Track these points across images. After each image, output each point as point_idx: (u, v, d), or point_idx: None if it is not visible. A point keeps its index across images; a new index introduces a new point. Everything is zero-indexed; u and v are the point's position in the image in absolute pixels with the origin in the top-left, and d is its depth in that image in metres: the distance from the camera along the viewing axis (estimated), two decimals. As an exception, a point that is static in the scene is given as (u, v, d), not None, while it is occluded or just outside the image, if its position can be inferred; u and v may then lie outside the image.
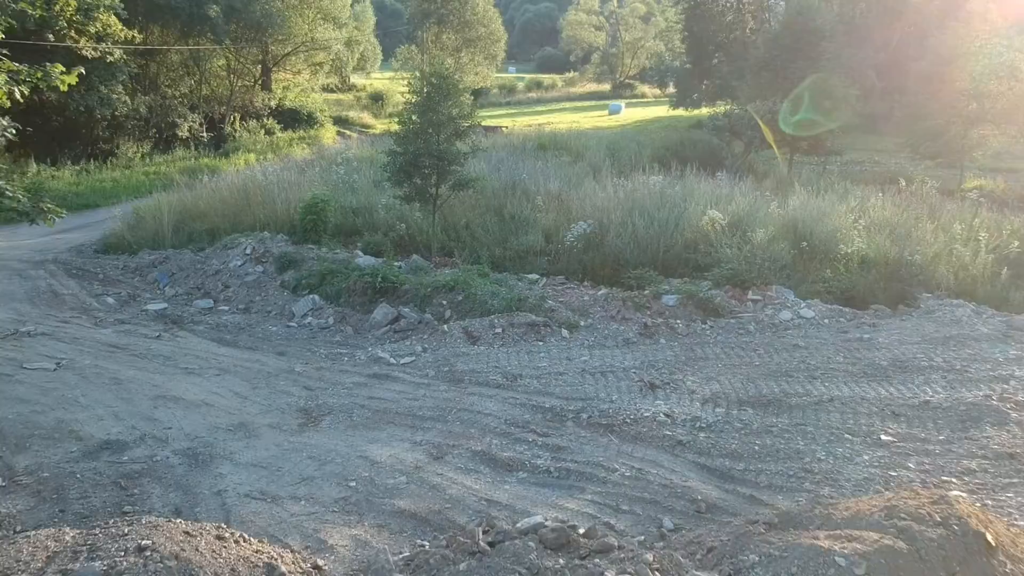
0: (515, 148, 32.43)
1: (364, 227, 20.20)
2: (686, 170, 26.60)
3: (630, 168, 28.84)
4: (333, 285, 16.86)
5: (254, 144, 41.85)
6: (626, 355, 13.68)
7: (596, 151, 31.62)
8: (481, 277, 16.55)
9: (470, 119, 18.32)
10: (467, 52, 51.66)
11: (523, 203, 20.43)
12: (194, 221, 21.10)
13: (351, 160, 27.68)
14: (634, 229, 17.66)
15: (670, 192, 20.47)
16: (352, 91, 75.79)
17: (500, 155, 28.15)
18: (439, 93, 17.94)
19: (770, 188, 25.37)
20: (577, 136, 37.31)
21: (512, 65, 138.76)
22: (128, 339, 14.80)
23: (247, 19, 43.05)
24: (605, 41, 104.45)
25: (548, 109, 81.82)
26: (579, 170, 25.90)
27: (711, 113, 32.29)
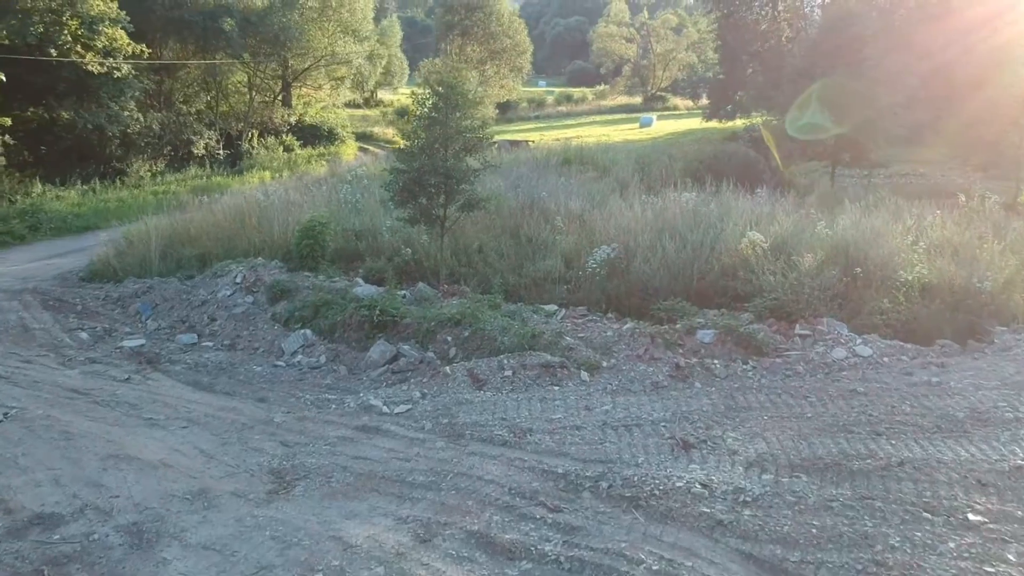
0: (538, 163, 30.70)
1: (367, 251, 18.51)
2: (721, 185, 24.75)
3: (660, 184, 26.99)
4: (328, 318, 15.15)
5: (271, 161, 40.52)
6: (655, 403, 11.77)
7: (624, 165, 29.79)
8: (492, 309, 14.76)
9: (482, 133, 16.56)
10: (492, 64, 50.09)
11: (541, 224, 18.63)
12: (184, 246, 19.51)
13: (361, 177, 26.08)
14: (664, 253, 15.76)
15: (704, 211, 18.59)
16: (379, 106, 74.66)
17: (521, 171, 26.43)
18: (447, 104, 16.22)
19: (814, 205, 23.37)
20: (605, 150, 35.49)
21: (542, 79, 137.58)
22: (93, 382, 13.17)
23: (264, 33, 41.83)
24: (636, 53, 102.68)
25: (578, 123, 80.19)
26: (605, 187, 24.09)
27: (747, 124, 30.26)
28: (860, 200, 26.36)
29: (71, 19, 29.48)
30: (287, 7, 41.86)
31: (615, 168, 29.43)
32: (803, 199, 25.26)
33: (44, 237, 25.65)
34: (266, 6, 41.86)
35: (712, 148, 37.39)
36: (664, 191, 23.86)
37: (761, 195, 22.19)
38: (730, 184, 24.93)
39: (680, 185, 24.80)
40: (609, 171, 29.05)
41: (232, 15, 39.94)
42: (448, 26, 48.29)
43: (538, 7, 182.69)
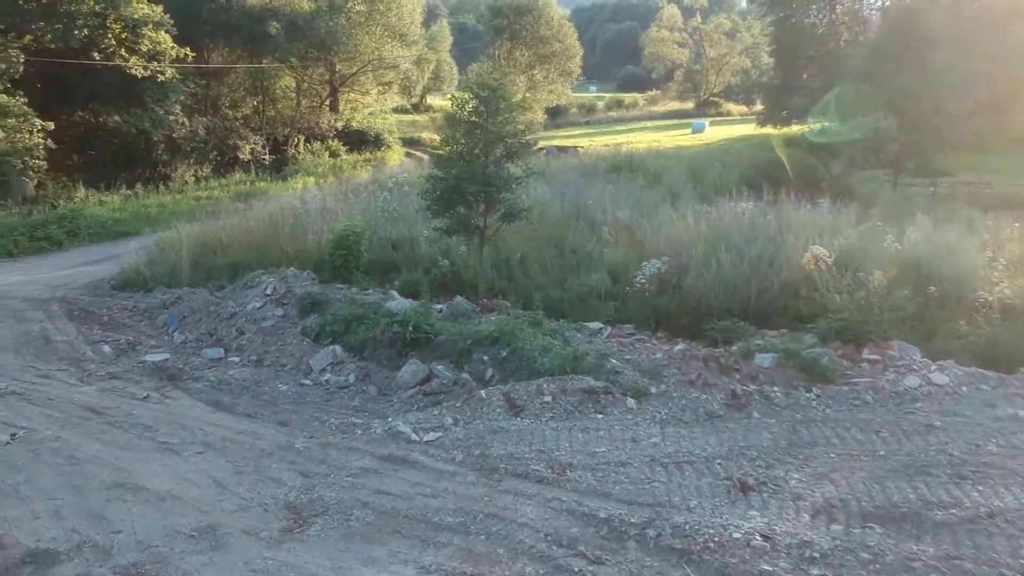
0: (586, 170, 29.68)
1: (403, 262, 17.67)
2: (779, 194, 23.51)
3: (714, 192, 25.80)
4: (359, 334, 14.32)
5: (316, 167, 40.07)
6: (709, 436, 10.69)
7: (676, 173, 28.63)
8: (532, 326, 13.79)
9: (524, 138, 15.62)
10: (541, 69, 49.12)
11: (587, 235, 17.63)
12: (215, 255, 18.84)
13: (402, 184, 25.26)
14: (719, 268, 14.64)
15: (762, 222, 17.42)
16: (428, 112, 74.19)
17: (568, 177, 25.46)
18: (488, 107, 15.31)
19: (879, 216, 22.04)
20: (656, 156, 34.34)
21: (593, 84, 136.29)
22: (110, 400, 12.48)
23: (311, 37, 41.39)
24: (689, 58, 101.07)
25: (628, 128, 78.85)
26: (655, 195, 23.00)
27: (806, 130, 28.92)
28: (928, 211, 25.00)
29: (114, 22, 29.18)
30: (334, 11, 41.42)
31: (666, 175, 28.29)
32: (867, 210, 23.88)
33: (82, 243, 25.30)
34: (313, 10, 41.45)
35: (768, 155, 36.04)
36: (718, 200, 22.72)
37: (822, 206, 20.89)
38: (788, 193, 23.73)
39: (736, 194, 23.64)
40: (660, 178, 27.93)
41: (279, 19, 39.56)
42: (497, 30, 47.44)
43: (589, 12, 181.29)
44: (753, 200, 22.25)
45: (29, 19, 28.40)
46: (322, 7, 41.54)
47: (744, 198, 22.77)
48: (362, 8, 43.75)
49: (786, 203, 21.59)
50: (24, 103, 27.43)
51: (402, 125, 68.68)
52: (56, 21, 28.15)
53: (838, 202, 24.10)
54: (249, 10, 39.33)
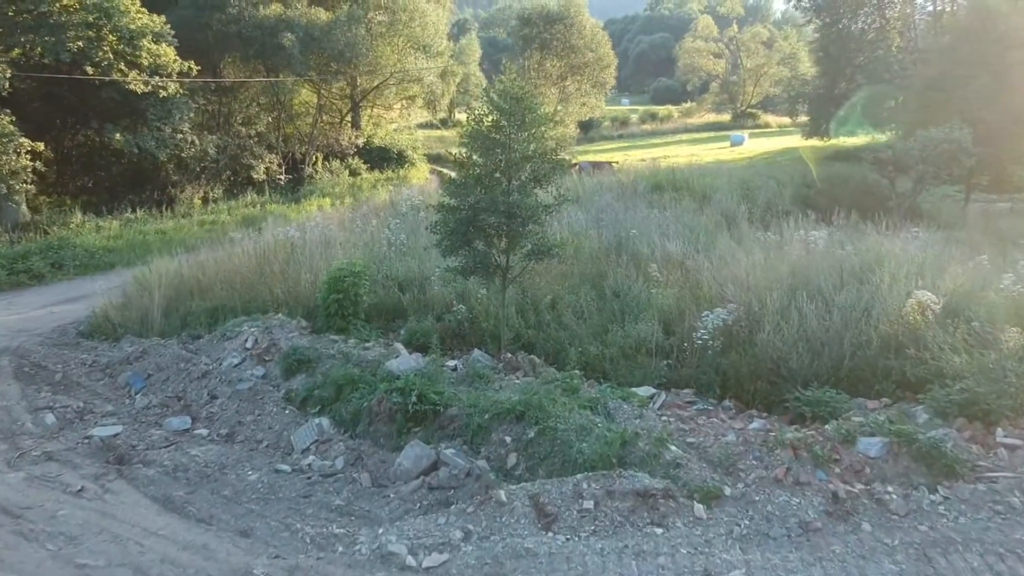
0: (624, 190, 26.81)
1: (412, 307, 14.90)
2: (845, 217, 20.64)
3: (771, 215, 22.87)
4: (352, 402, 11.60)
5: (333, 187, 37.55)
6: (810, 567, 7.79)
7: (726, 192, 25.66)
8: (567, 393, 10.99)
9: (555, 157, 12.80)
10: (573, 80, 46.25)
11: (631, 273, 14.73)
12: (194, 297, 16.14)
13: (417, 208, 22.52)
14: (801, 320, 11.67)
15: (841, 254, 14.44)
16: (456, 127, 71.74)
17: (604, 199, 22.60)
18: (511, 122, 12.54)
19: (968, 241, 19.07)
20: (699, 173, 31.35)
21: (625, 97, 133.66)
22: (35, 494, 9.85)
23: (329, 49, 38.93)
24: (725, 69, 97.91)
25: (664, 142, 76.00)
26: (707, 220, 20.03)
27: (870, 142, 25.86)
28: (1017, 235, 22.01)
29: (110, 33, 26.78)
30: (353, 21, 38.96)
31: (715, 195, 25.34)
32: (951, 233, 20.86)
33: (66, 276, 22.77)
34: (331, 20, 39.03)
35: (824, 171, 32.91)
36: (779, 225, 19.82)
37: (916, 233, 17.91)
38: (850, 214, 20.92)
39: (797, 217, 20.76)
40: (708, 199, 24.99)
41: (293, 31, 37.14)
42: (526, 40, 44.68)
43: (621, 25, 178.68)
44: (820, 225, 19.36)
45: (17, 31, 26.06)
46: (340, 18, 39.09)
47: (809, 222, 19.83)
48: (383, 19, 41.28)
49: (862, 230, 18.72)
50: (10, 122, 25.06)
51: (429, 140, 66.26)
52: (46, 33, 25.79)
53: (905, 222, 21.22)
54: (261, 21, 36.96)
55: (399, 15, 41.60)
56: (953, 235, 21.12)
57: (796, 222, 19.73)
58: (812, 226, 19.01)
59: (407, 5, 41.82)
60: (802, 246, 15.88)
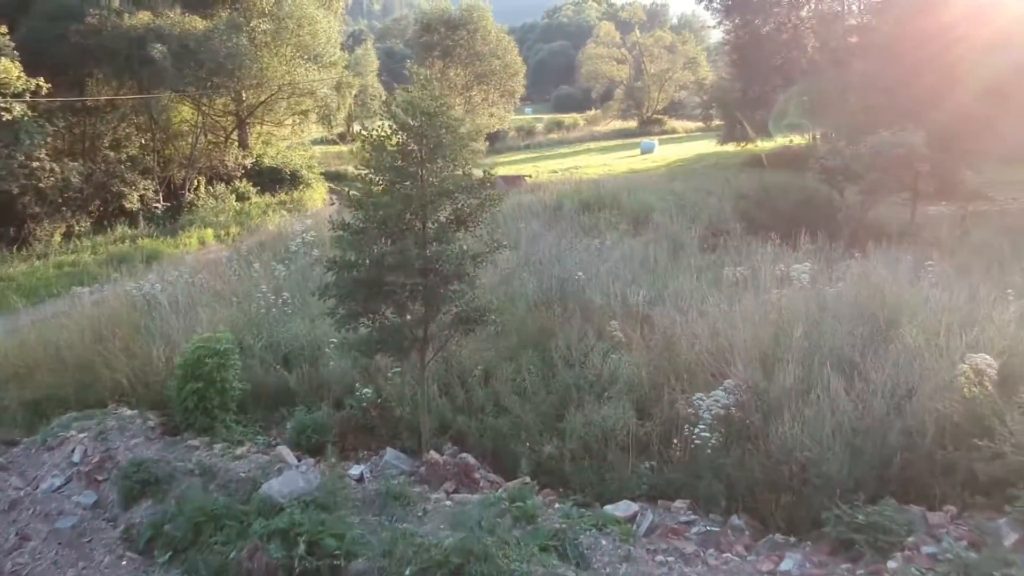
0: (548, 210, 23.70)
1: (303, 390, 11.39)
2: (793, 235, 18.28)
3: (720, 236, 20.18)
4: (214, 550, 8.10)
5: (217, 215, 33.39)
6: None
7: (663, 210, 22.83)
8: (520, 523, 7.81)
9: (483, 193, 9.52)
10: (479, 89, 43.00)
11: (584, 330, 11.53)
12: (11, 385, 12.23)
13: (310, 245, 18.83)
14: (830, 404, 8.63)
15: (850, 297, 11.58)
16: (355, 141, 67.84)
17: (530, 225, 19.46)
18: (423, 145, 9.25)
19: (948, 259, 16.71)
20: (625, 186, 28.50)
21: (528, 105, 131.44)
22: None
23: (207, 61, 34.77)
24: (629, 75, 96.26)
25: (572, 151, 73.60)
26: (655, 250, 17.02)
27: (819, 148, 23.37)
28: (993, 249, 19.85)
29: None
30: (233, 30, 34.90)
31: (652, 214, 22.47)
32: (925, 251, 18.44)
33: None
34: (208, 29, 34.89)
35: (759, 180, 30.51)
36: (739, 250, 17.14)
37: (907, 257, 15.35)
38: (800, 231, 18.52)
39: (752, 239, 18.14)
40: (646, 220, 22.12)
41: (165, 41, 32.88)
42: (427, 47, 41.19)
43: (520, 33, 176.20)
44: (793, 251, 16.76)
45: None
46: (218, 26, 34.97)
47: (768, 247, 17.15)
48: (268, 26, 37.26)
49: (832, 253, 16.15)
50: None
51: (327, 157, 62.17)
52: None
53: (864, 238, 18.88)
54: (127, 32, 32.55)
55: (285, 22, 37.68)
56: (928, 253, 18.69)
57: (752, 246, 17.07)
58: (778, 252, 16.25)
59: (294, 11, 37.93)
60: (778, 281, 13.04)
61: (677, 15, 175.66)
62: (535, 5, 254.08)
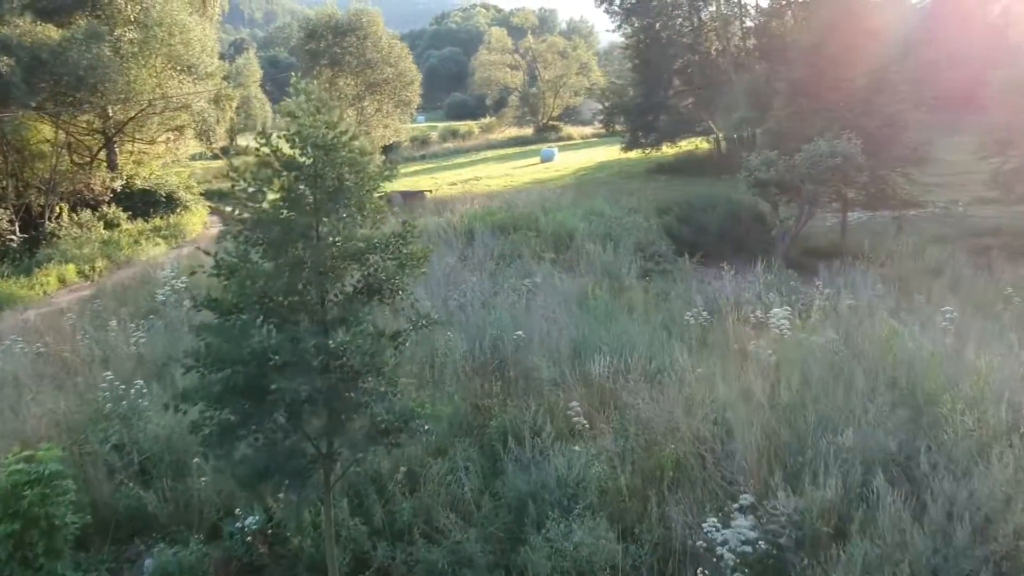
0: (459, 235, 21.18)
1: (166, 513, 8.61)
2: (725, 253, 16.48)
3: (657, 260, 18.17)
4: None
5: (81, 247, 29.59)
6: None
7: (586, 232, 20.63)
8: None
9: (404, 250, 6.99)
10: (372, 100, 40.09)
11: (535, 412, 9.06)
12: None
13: (180, 295, 15.59)
14: (899, 533, 6.40)
15: (844, 351, 9.49)
16: (240, 155, 64.00)
17: (444, 258, 16.89)
18: (319, 190, 6.68)
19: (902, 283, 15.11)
20: (539, 203, 26.21)
21: (421, 114, 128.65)
22: None
23: (65, 75, 30.96)
24: (523, 81, 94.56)
25: (470, 160, 71.21)
26: (592, 286, 14.68)
27: (751, 160, 21.55)
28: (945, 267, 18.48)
29: None
30: (94, 39, 31.08)
31: (575, 235, 20.23)
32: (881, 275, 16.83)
33: None
34: (64, 39, 31.06)
35: (680, 192, 28.76)
36: (684, 279, 15.10)
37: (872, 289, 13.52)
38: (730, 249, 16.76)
39: (679, 259, 16.08)
40: (568, 243, 19.90)
41: (13, 53, 29.03)
42: (313, 55, 38.02)
43: (408, 40, 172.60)
44: (734, 276, 14.77)
45: None
46: (76, 35, 31.14)
47: (718, 271, 15.16)
48: (135, 35, 33.50)
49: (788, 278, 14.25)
50: None
51: (211, 173, 58.12)
52: None
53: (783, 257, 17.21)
54: (-34, 41, 28.70)
55: (154, 31, 33.96)
56: (882, 273, 17.10)
57: (692, 271, 14.99)
58: (725, 279, 14.23)
59: (163, 18, 34.23)
60: (748, 324, 10.93)
61: (566, 20, 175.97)
62: (423, 12, 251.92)
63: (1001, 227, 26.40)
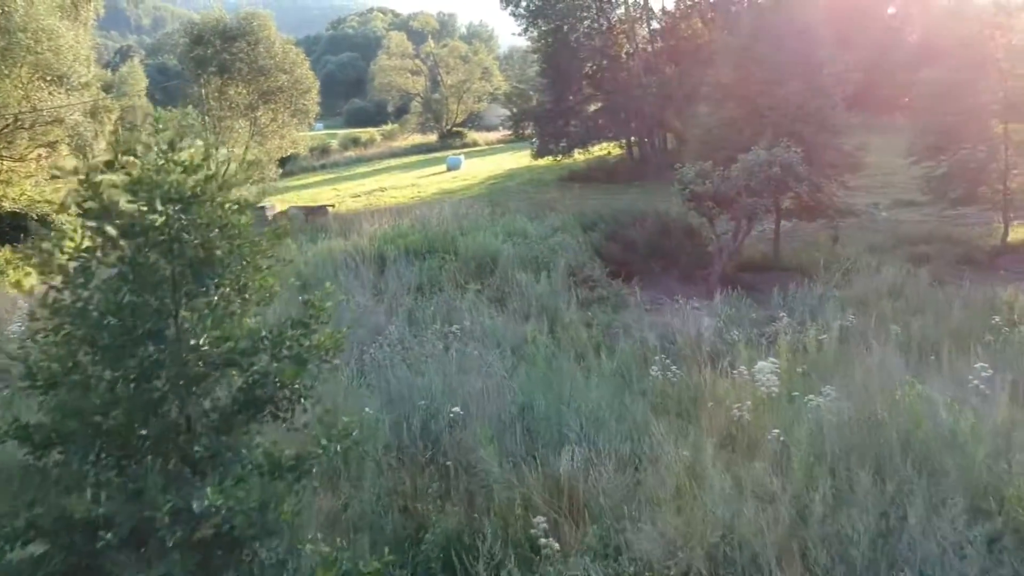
0: (368, 262, 18.93)
1: None
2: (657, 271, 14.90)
3: (590, 285, 16.37)
4: None
5: (-68, 284, 26.10)
6: None
7: (510, 255, 18.65)
8: None
9: (306, 342, 4.89)
10: (266, 110, 37.29)
11: (478, 525, 6.94)
12: None
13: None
14: None
15: (857, 425, 7.74)
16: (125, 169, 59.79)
17: (356, 297, 14.59)
18: (178, 262, 4.50)
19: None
20: (454, 220, 24.11)
21: (319, 121, 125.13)
22: None
23: (-88, 86, 27.45)
24: (425, 87, 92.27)
25: (373, 170, 68.60)
26: (530, 327, 12.67)
27: (687, 171, 19.78)
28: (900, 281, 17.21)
29: None
30: (-56, 46, 27.78)
31: (500, 259, 18.22)
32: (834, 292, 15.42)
33: None
34: (-91, 45, 27.54)
35: (604, 204, 27.06)
36: (627, 309, 13.33)
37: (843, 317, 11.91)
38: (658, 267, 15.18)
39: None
40: (491, 266, 17.91)
41: None
42: (199, 63, 34.96)
43: (304, 45, 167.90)
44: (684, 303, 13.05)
45: None
46: (-77, 41, 27.71)
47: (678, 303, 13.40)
48: (-6, 41, 30.24)
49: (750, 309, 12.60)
50: None
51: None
52: None
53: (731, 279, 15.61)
54: None
55: (18, 37, 30.53)
56: (841, 297, 15.65)
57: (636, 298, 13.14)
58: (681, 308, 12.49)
59: (28, 24, 30.79)
60: (726, 376, 9.15)
61: (466, 24, 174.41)
62: (317, 17, 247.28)
63: (932, 233, 25.64)
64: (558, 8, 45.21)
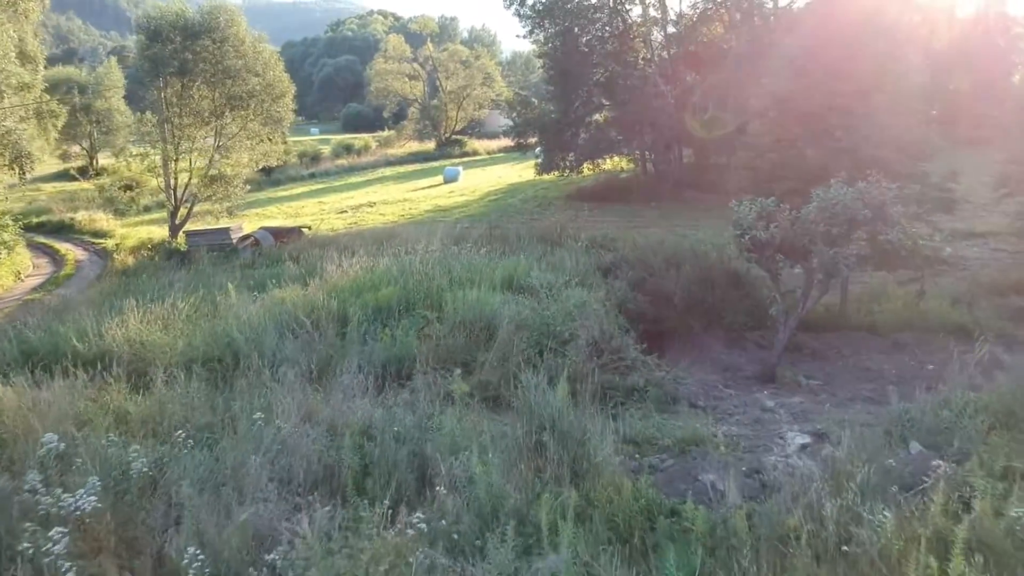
0: (327, 328, 14.26)
1: None
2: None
3: (618, 362, 11.78)
4: None
5: None
6: None
7: (510, 316, 13.97)
8: None
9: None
10: (235, 117, 32.47)
11: None
12: None
13: None
14: None
15: None
16: (100, 176, 55.34)
17: (277, 422, 9.78)
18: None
19: None
20: (443, 260, 19.45)
21: (314, 125, 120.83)
22: None
23: None
24: (423, 92, 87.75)
25: (365, 179, 64.19)
26: (549, 466, 8.09)
27: (745, 210, 14.94)
28: None
29: None
30: None
31: (498, 327, 13.59)
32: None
33: None
34: None
35: (623, 234, 22.38)
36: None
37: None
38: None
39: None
40: (487, 336, 13.34)
41: None
42: (156, 63, 30.02)
43: (302, 48, 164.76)
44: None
45: None
46: None
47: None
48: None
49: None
50: None
51: (57, 201, 49.43)
52: None
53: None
54: None
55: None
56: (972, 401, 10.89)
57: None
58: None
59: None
60: None
61: (467, 28, 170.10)
62: (319, 20, 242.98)
63: (1014, 278, 21.16)
64: (567, 8, 40.59)
